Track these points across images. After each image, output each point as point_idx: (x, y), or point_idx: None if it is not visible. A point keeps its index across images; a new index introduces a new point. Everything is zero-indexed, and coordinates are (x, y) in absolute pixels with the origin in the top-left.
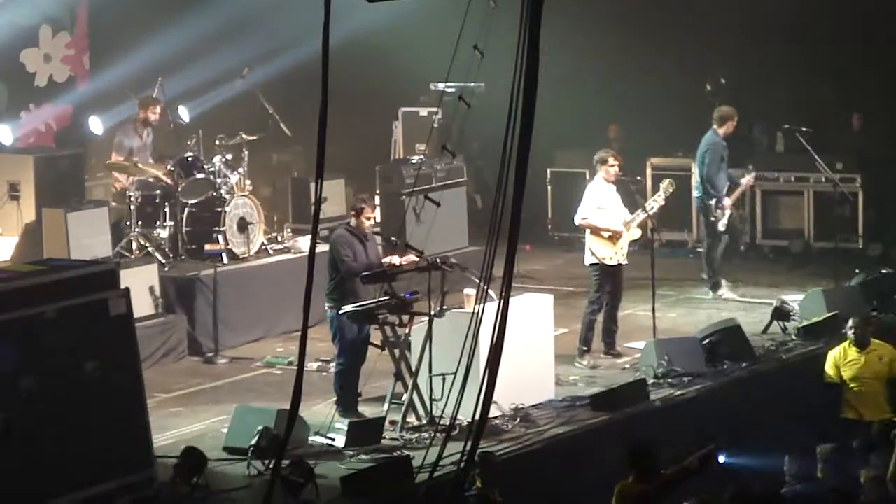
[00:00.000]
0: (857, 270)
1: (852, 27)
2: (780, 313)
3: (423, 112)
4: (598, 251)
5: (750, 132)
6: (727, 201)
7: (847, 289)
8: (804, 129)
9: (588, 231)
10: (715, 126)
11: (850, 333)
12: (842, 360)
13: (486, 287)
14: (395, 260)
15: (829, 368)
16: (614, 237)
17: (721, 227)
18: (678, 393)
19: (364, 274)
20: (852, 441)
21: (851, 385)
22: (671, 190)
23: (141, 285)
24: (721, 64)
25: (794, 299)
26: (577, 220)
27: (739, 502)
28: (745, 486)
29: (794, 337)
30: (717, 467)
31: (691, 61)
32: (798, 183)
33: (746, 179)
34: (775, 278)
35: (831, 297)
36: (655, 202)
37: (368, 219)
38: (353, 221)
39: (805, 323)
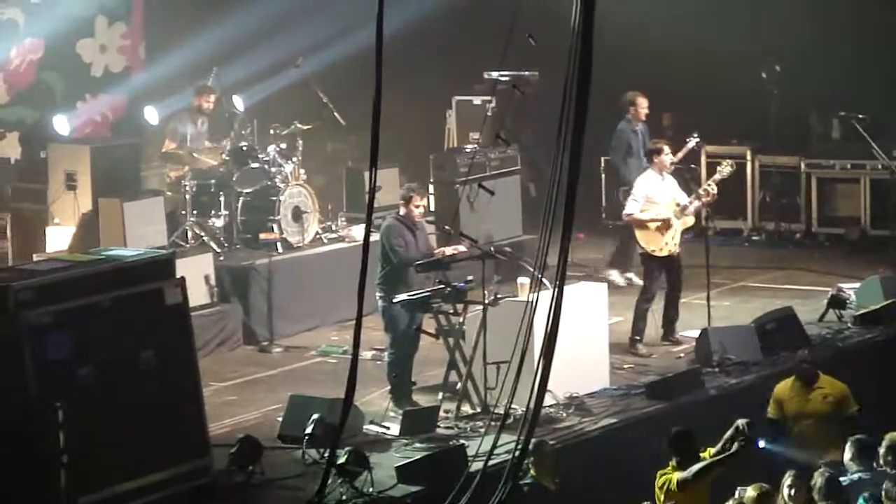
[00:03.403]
0: None
1: None
2: (837, 301)
3: (477, 101)
4: (647, 243)
5: (806, 120)
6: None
7: None
8: (860, 116)
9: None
10: (624, 113)
11: (800, 366)
12: (785, 394)
13: (540, 275)
14: (448, 250)
15: (771, 403)
16: (663, 227)
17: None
18: (733, 381)
19: (419, 263)
20: None
21: (792, 424)
22: (727, 172)
23: (196, 274)
24: (776, 51)
25: (850, 287)
26: (623, 216)
27: (800, 488)
28: (803, 475)
29: (850, 325)
30: (755, 452)
31: (746, 49)
32: (854, 170)
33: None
34: (831, 266)
35: (888, 284)
36: (710, 185)
37: (417, 207)
38: (402, 210)
39: (862, 311)
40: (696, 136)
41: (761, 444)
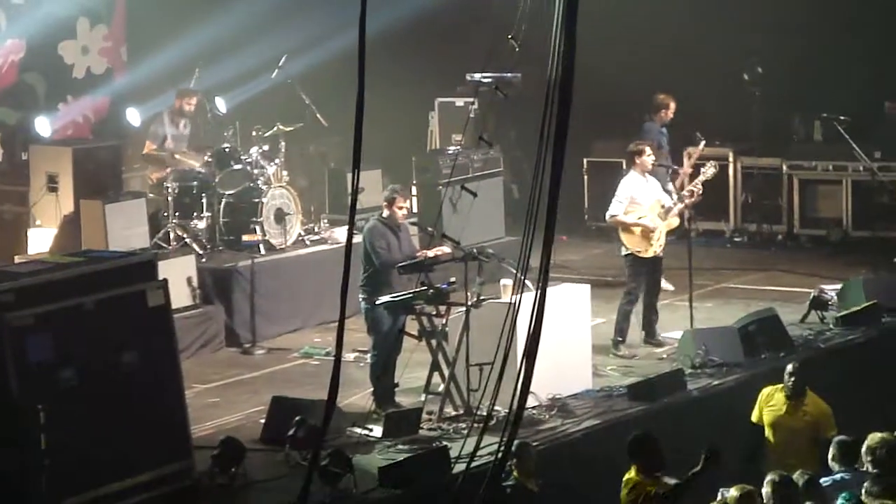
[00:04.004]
0: (895, 259)
1: (885, 12)
2: (819, 302)
3: (460, 102)
4: (631, 245)
5: (788, 121)
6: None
7: (886, 278)
8: (842, 117)
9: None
10: (651, 114)
11: (787, 379)
12: (767, 401)
13: (522, 277)
14: (430, 252)
15: (756, 407)
16: (647, 229)
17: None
18: (715, 383)
19: (401, 265)
20: None
21: (768, 433)
22: (711, 173)
23: (179, 276)
24: (758, 53)
25: (832, 288)
26: (607, 218)
27: (780, 488)
28: (785, 476)
29: (832, 326)
30: (722, 466)
31: (728, 50)
32: (836, 172)
33: (697, 150)
34: (813, 267)
35: (870, 286)
36: (695, 187)
37: (401, 209)
38: (385, 212)
39: (844, 312)
40: (700, 138)
41: None
